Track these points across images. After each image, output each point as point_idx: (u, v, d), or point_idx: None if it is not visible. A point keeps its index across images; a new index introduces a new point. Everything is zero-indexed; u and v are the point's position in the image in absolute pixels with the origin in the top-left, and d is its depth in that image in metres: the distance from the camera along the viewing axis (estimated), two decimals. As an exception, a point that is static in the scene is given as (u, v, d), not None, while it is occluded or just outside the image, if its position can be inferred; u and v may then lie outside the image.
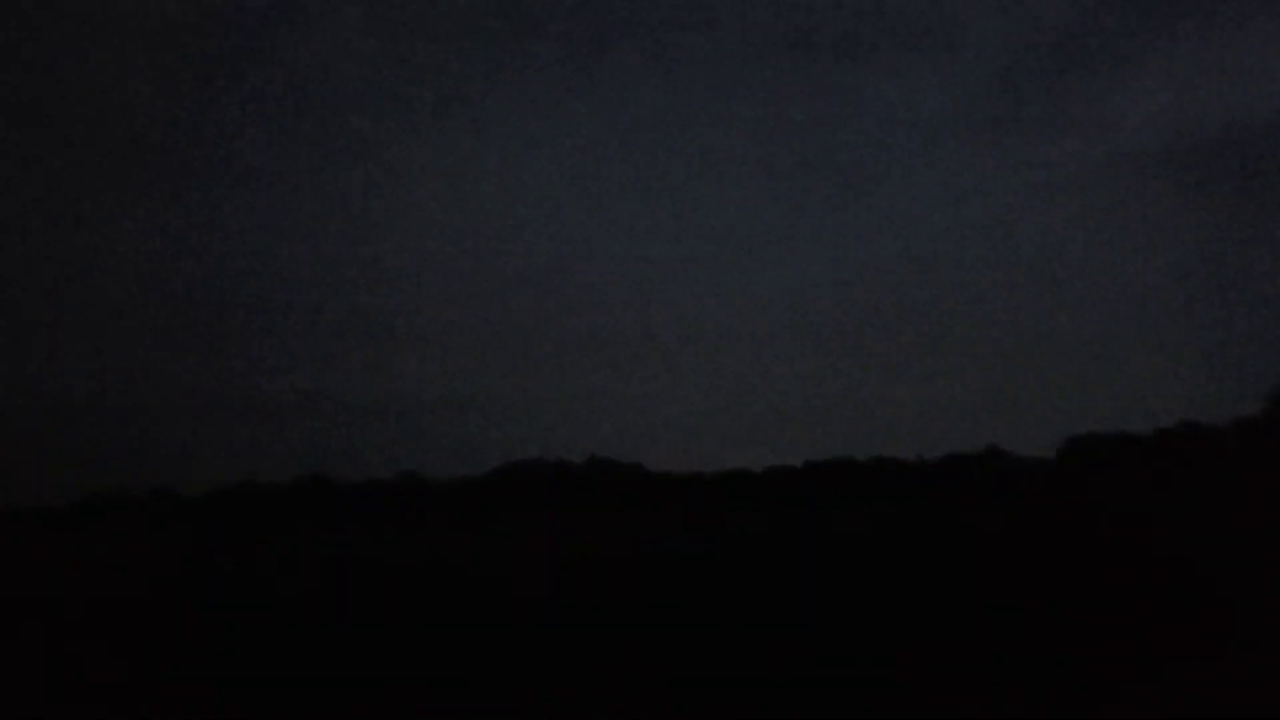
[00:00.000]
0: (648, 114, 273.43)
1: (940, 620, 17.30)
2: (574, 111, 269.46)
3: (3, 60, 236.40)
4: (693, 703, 12.77)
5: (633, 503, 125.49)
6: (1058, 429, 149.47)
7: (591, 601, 23.87)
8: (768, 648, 15.71)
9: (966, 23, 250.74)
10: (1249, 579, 20.07)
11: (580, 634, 18.42)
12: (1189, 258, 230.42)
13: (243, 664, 17.20)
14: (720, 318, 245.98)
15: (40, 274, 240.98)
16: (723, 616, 19.52)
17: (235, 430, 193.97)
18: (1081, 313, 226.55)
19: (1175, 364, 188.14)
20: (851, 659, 14.49)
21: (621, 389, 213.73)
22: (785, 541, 43.88)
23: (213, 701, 14.16)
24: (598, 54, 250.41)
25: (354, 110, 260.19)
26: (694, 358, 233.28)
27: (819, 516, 74.03)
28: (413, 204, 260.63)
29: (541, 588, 28.31)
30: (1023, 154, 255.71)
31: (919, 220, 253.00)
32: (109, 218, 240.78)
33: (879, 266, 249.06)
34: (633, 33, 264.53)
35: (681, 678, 13.94)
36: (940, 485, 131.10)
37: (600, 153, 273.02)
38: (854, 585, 23.56)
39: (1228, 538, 30.43)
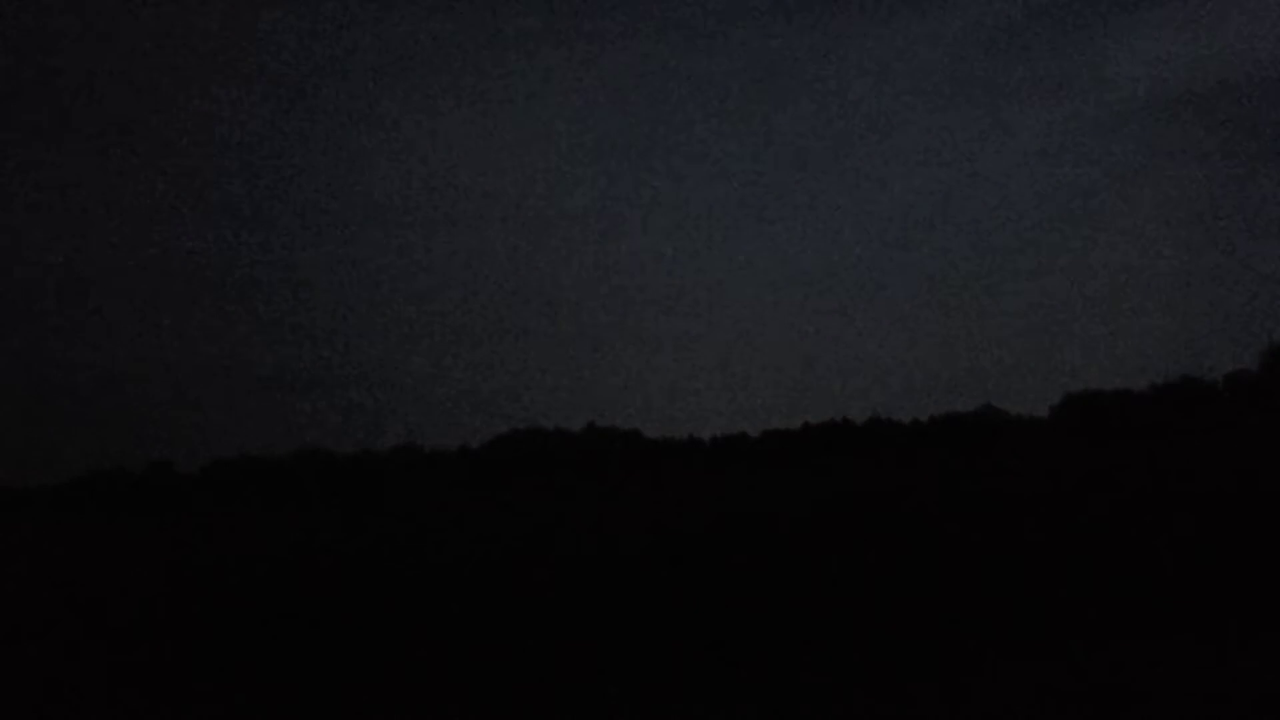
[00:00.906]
0: (636, 73, 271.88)
1: (940, 585, 17.36)
2: (563, 75, 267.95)
3: (17, 46, 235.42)
4: (701, 680, 12.81)
5: (632, 468, 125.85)
6: (1055, 387, 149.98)
7: (594, 572, 23.91)
8: (770, 618, 15.75)
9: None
10: (1246, 542, 20.13)
11: (582, 610, 18.46)
12: (1186, 214, 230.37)
13: (242, 645, 17.22)
14: (713, 280, 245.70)
15: (36, 250, 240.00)
16: (725, 584, 19.56)
17: (231, 404, 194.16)
18: (1078, 271, 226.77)
19: (1174, 320, 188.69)
20: (851, 626, 14.54)
21: (618, 356, 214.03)
22: (784, 503, 43.97)
23: (215, 685, 14.18)
24: (585, 11, 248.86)
25: (351, 91, 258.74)
26: (689, 322, 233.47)
27: (817, 477, 74.16)
28: (403, 171, 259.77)
29: (544, 561, 28.35)
30: (1018, 113, 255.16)
31: (914, 179, 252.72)
32: (102, 194, 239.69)
33: (873, 226, 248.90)
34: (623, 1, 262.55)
35: (685, 653, 13.97)
36: (936, 445, 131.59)
37: (591, 113, 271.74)
38: (853, 546, 23.63)
39: (1224, 495, 30.52)
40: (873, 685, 12.83)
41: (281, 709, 13.25)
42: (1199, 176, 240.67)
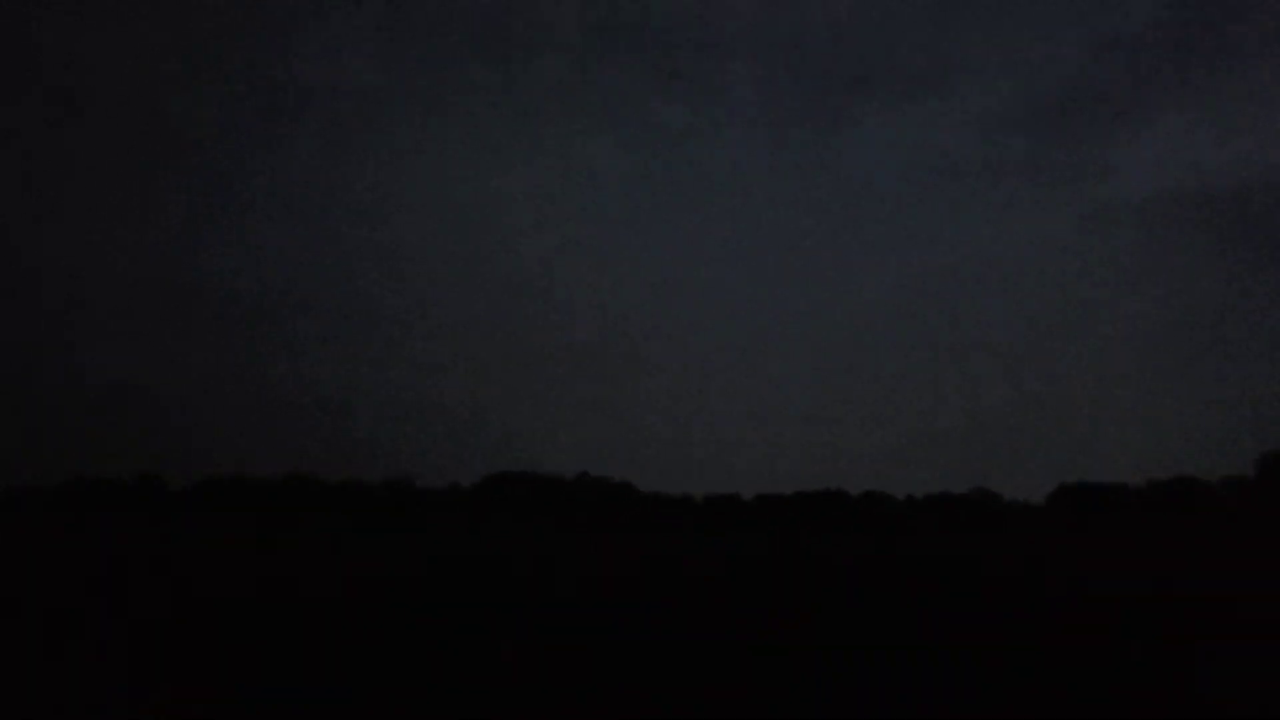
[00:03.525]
0: (653, 127, 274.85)
1: (916, 653, 17.12)
2: (579, 123, 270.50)
3: (34, 61, 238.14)
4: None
5: (622, 521, 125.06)
6: (1051, 475, 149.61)
7: (574, 620, 23.62)
8: (743, 675, 15.49)
9: (974, 68, 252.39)
10: (1236, 637, 19.87)
11: (563, 652, 18.18)
12: (1191, 311, 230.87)
13: (219, 664, 16.94)
14: (721, 343, 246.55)
15: (34, 264, 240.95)
16: (703, 641, 19.29)
17: (226, 424, 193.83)
18: (1081, 360, 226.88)
19: (1172, 417, 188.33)
20: (824, 689, 14.27)
21: (616, 407, 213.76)
22: (770, 567, 43.63)
23: (193, 702, 13.91)
24: (607, 68, 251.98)
25: (356, 119, 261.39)
26: (691, 381, 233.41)
27: (805, 545, 73.68)
28: (406, 206, 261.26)
29: (527, 603, 28.04)
30: (1026, 197, 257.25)
31: (920, 259, 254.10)
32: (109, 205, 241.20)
33: (878, 303, 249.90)
34: (640, 47, 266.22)
35: (660, 700, 13.71)
36: (927, 522, 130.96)
37: (604, 166, 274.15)
38: (833, 616, 23.36)
39: (1218, 593, 30.22)
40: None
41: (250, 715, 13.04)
42: (1202, 277, 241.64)
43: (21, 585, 30.87)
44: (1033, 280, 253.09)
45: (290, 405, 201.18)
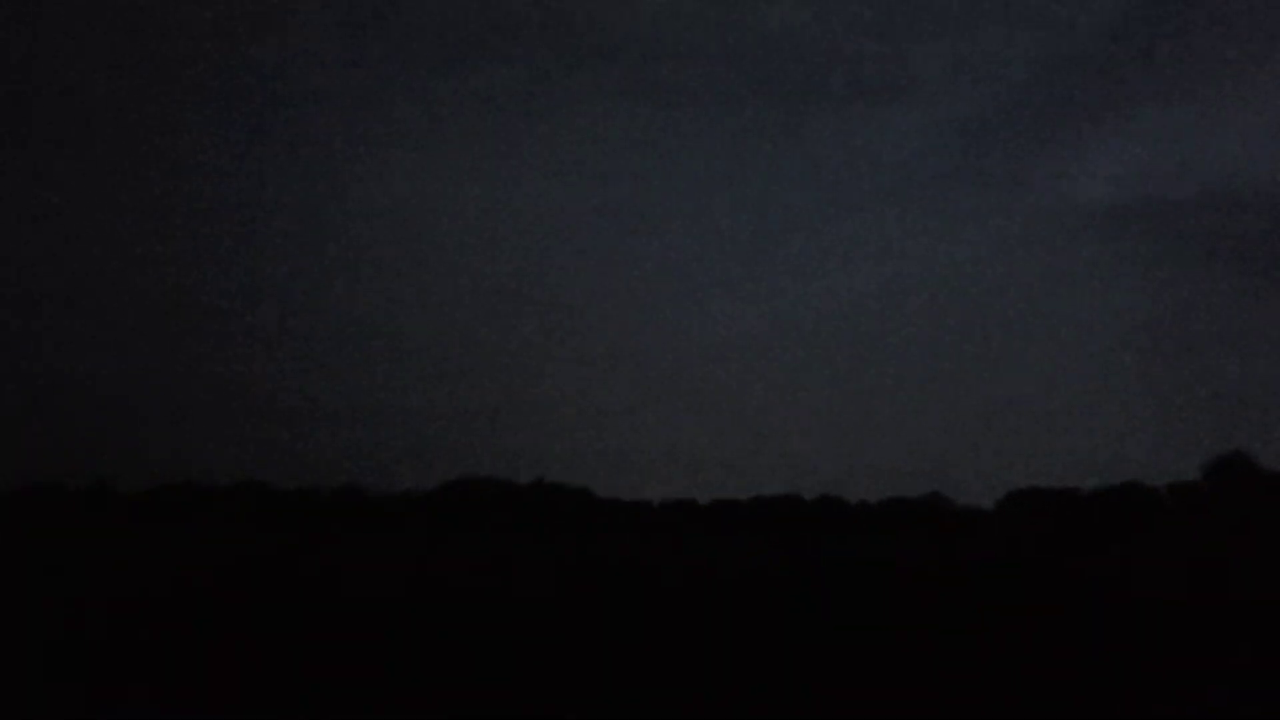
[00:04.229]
0: (616, 137, 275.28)
1: (874, 659, 17.38)
2: (542, 132, 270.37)
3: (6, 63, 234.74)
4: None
5: (579, 527, 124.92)
6: (1002, 480, 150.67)
7: (532, 627, 23.72)
8: (702, 681, 15.66)
9: (925, 77, 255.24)
10: (1182, 641, 20.37)
11: (521, 661, 18.28)
12: (1139, 318, 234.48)
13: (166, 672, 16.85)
14: (676, 349, 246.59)
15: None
16: (661, 648, 19.45)
17: (178, 429, 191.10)
18: (1032, 366, 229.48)
19: (1121, 423, 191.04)
20: (779, 698, 14.46)
21: (574, 411, 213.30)
22: (727, 573, 43.90)
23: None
24: (567, 76, 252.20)
25: (326, 123, 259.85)
26: (647, 386, 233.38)
27: (764, 550, 74.19)
28: (375, 211, 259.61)
29: (483, 610, 28.08)
30: (978, 207, 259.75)
31: (871, 264, 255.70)
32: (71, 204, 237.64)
33: (831, 307, 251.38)
34: (607, 56, 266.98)
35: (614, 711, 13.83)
36: (882, 528, 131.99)
37: (566, 173, 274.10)
38: (790, 620, 23.63)
39: (1163, 600, 30.92)
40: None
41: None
42: (1152, 286, 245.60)
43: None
44: (983, 287, 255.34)
45: (242, 409, 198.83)
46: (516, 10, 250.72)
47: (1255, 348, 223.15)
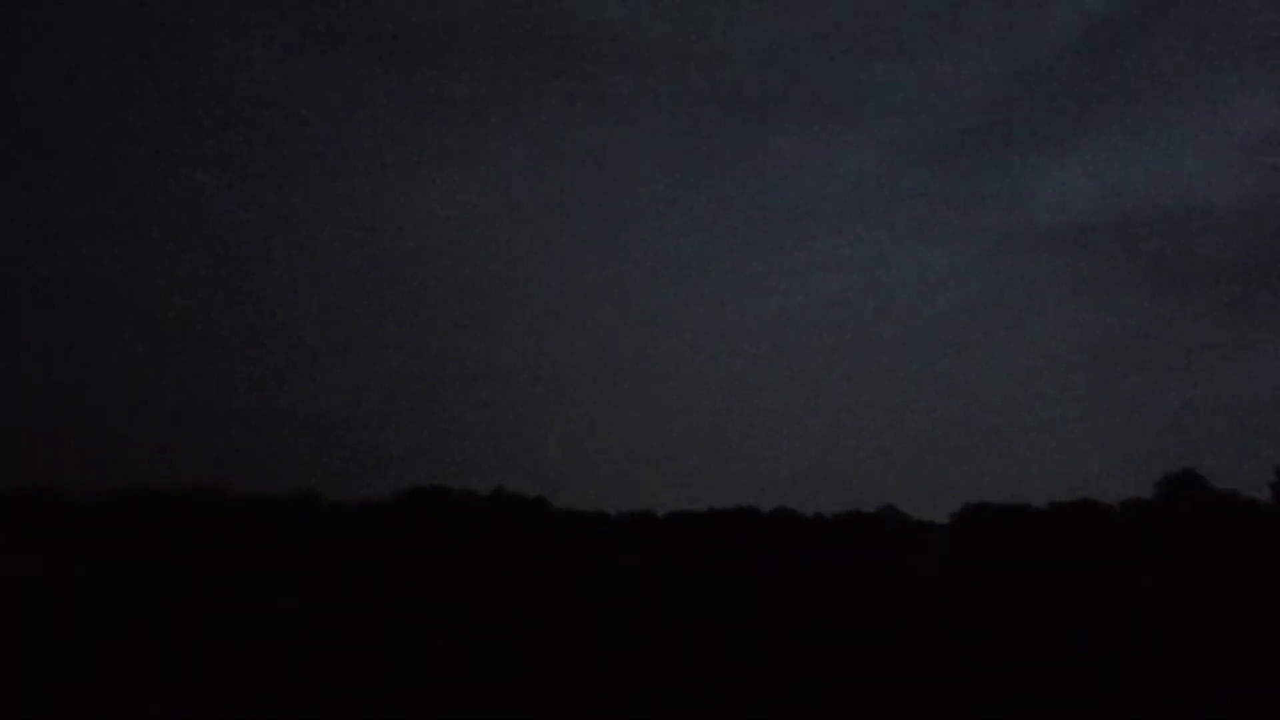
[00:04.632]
0: (578, 151, 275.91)
1: (821, 666, 17.61)
2: (506, 146, 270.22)
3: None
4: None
5: (535, 537, 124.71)
6: (955, 496, 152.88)
7: (488, 637, 23.73)
8: (657, 691, 15.82)
9: (885, 96, 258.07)
10: (1135, 654, 20.78)
11: (471, 670, 18.32)
12: (1094, 337, 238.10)
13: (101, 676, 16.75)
14: (634, 360, 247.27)
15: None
16: (616, 659, 19.57)
17: (131, 435, 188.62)
18: (988, 384, 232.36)
19: (1075, 440, 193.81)
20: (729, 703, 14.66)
21: (533, 425, 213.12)
22: (682, 583, 44.07)
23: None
24: (532, 91, 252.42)
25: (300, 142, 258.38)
26: (605, 400, 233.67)
27: (718, 560, 74.43)
28: (319, 218, 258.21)
29: (439, 620, 28.03)
30: (936, 226, 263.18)
31: (833, 280, 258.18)
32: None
33: (788, 322, 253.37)
34: (566, 72, 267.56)
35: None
36: (836, 539, 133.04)
37: (526, 185, 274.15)
38: (743, 628, 23.81)
39: (1118, 607, 31.42)
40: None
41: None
42: (1107, 306, 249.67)
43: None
44: (940, 305, 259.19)
45: (198, 416, 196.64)
46: (478, 20, 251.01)
47: (1207, 369, 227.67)
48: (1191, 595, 38.26)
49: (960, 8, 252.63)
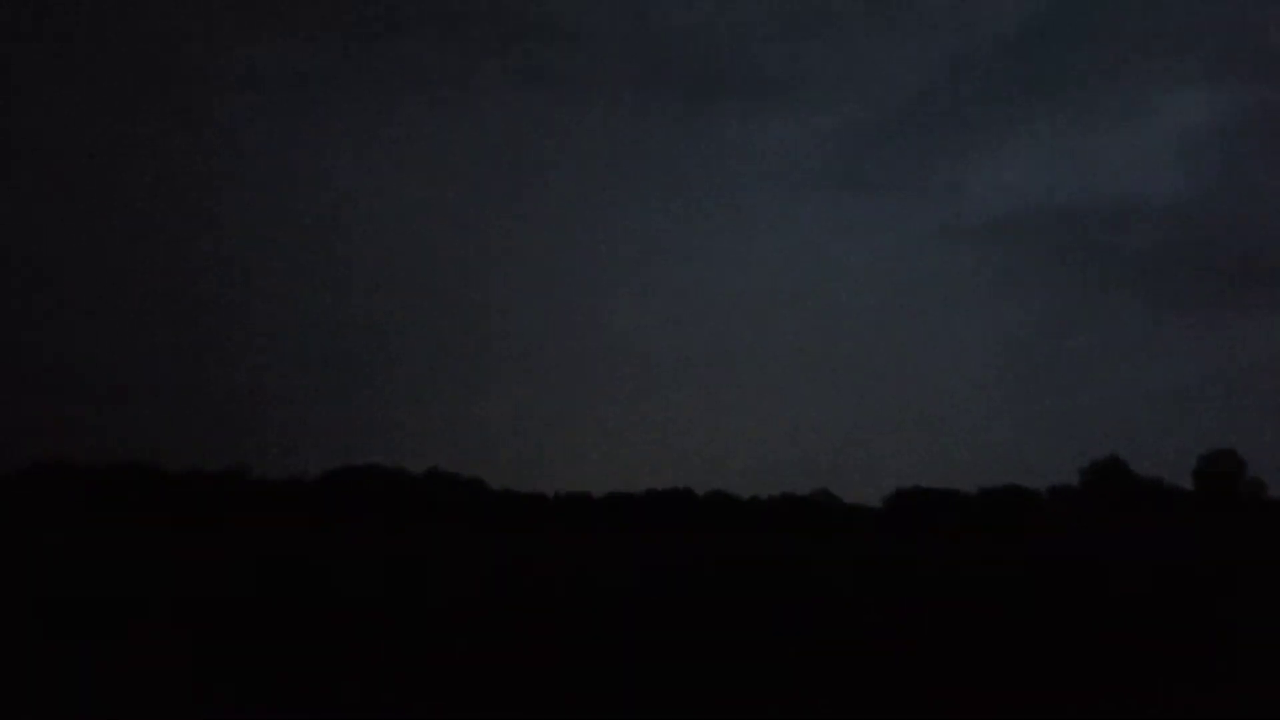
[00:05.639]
0: (510, 129, 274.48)
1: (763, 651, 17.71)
2: (440, 126, 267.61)
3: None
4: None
5: (473, 519, 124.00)
6: (888, 480, 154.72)
7: (422, 620, 23.56)
8: (590, 681, 15.79)
9: (822, 79, 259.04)
10: (1062, 642, 21.16)
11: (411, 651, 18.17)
12: (1026, 326, 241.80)
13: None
14: (570, 341, 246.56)
15: None
16: (554, 647, 19.53)
17: (54, 409, 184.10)
18: (921, 370, 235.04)
19: (1005, 427, 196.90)
20: (665, 690, 14.68)
21: (467, 406, 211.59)
22: (620, 566, 44.19)
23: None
24: (464, 67, 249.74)
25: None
26: (541, 380, 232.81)
27: (655, 543, 74.75)
28: (247, 196, 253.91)
29: (371, 600, 27.80)
30: (871, 212, 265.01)
31: (770, 265, 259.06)
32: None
33: (725, 306, 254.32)
34: (495, 38, 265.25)
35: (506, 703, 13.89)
36: (771, 523, 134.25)
37: (453, 166, 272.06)
38: (681, 613, 23.90)
39: (1041, 599, 32.02)
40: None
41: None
42: (1038, 296, 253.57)
43: None
44: (876, 290, 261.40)
45: (129, 390, 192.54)
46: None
47: (1134, 359, 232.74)
48: (1116, 580, 39.19)
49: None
